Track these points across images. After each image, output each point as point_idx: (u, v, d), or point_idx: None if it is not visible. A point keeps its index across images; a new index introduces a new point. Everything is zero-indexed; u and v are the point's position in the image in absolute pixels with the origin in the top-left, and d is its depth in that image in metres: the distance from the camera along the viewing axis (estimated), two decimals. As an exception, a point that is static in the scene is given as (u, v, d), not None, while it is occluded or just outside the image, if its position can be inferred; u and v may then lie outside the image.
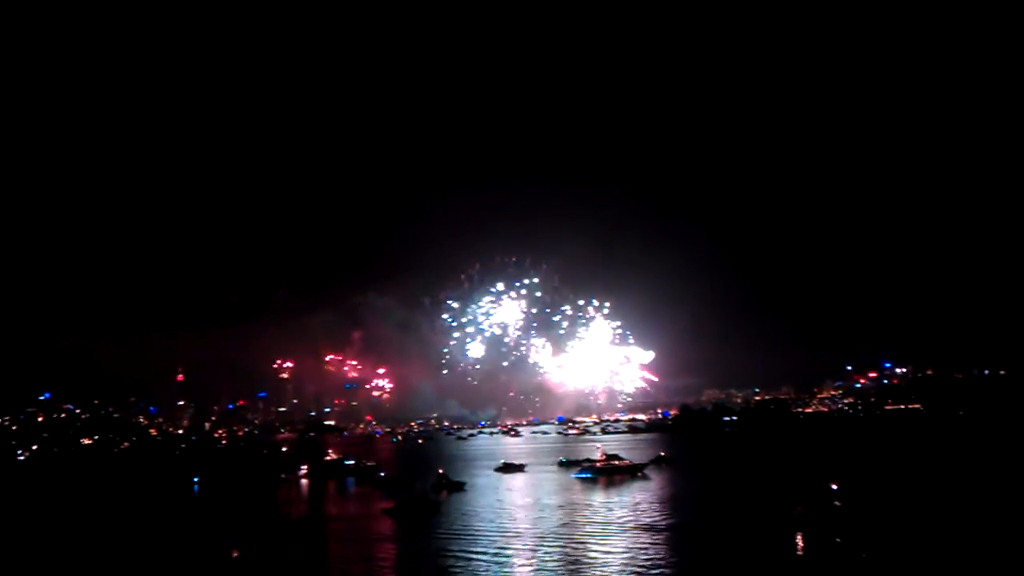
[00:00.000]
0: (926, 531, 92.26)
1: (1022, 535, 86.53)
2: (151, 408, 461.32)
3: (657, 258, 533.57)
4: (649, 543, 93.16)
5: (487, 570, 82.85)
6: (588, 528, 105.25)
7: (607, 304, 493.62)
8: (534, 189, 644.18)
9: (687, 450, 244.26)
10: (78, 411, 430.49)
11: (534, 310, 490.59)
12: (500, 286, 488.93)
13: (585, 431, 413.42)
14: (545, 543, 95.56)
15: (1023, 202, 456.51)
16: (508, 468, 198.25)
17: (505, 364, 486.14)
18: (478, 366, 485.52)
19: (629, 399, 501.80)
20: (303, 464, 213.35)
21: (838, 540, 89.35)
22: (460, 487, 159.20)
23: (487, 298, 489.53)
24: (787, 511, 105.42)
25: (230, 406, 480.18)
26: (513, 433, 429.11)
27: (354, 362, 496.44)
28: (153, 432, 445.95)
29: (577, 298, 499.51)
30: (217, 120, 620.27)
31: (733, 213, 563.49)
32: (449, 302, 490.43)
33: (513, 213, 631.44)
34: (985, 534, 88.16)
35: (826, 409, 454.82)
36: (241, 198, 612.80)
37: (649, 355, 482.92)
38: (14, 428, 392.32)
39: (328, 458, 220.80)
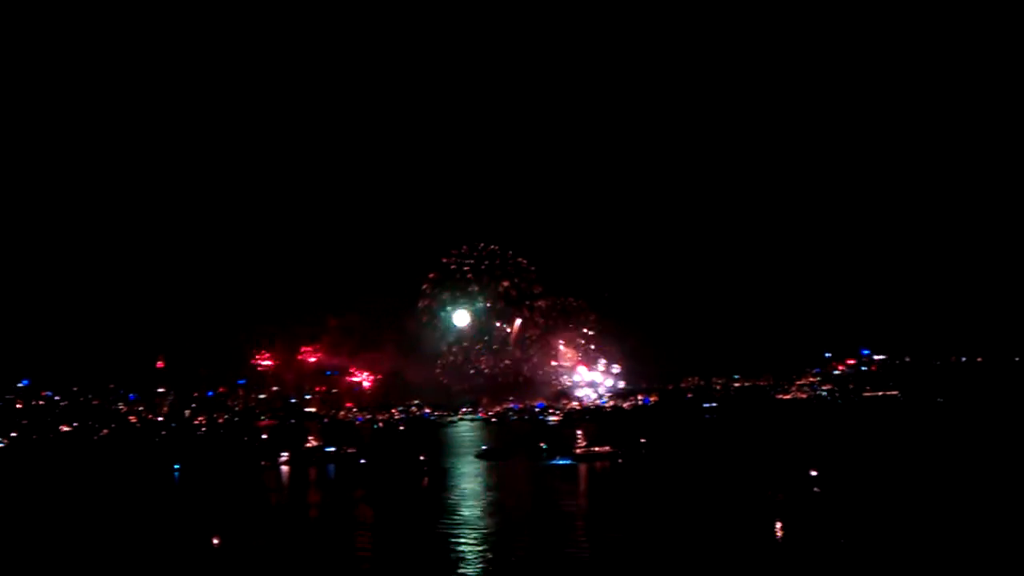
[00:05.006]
0: (904, 516, 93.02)
1: (999, 519, 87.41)
2: (130, 395, 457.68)
3: (637, 247, 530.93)
4: (625, 532, 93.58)
5: (465, 556, 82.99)
6: (563, 517, 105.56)
7: (587, 293, 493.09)
8: (514, 176, 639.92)
9: (667, 436, 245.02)
10: (57, 398, 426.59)
11: (514, 296, 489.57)
12: (481, 270, 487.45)
13: (566, 417, 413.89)
14: (522, 529, 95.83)
15: (999, 192, 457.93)
16: (489, 455, 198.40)
17: (485, 351, 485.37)
18: (458, 352, 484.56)
19: (609, 386, 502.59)
20: (284, 451, 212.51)
21: (818, 526, 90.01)
22: (442, 473, 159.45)
23: (467, 285, 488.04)
24: (767, 497, 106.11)
25: (210, 393, 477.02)
26: (494, 420, 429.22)
27: (330, 356, 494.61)
28: (132, 419, 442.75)
29: (558, 286, 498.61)
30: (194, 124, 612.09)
31: (712, 203, 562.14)
32: (428, 288, 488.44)
33: (493, 201, 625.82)
34: (964, 519, 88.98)
35: (805, 396, 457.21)
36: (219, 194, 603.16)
37: (627, 345, 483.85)
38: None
39: (309, 445, 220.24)
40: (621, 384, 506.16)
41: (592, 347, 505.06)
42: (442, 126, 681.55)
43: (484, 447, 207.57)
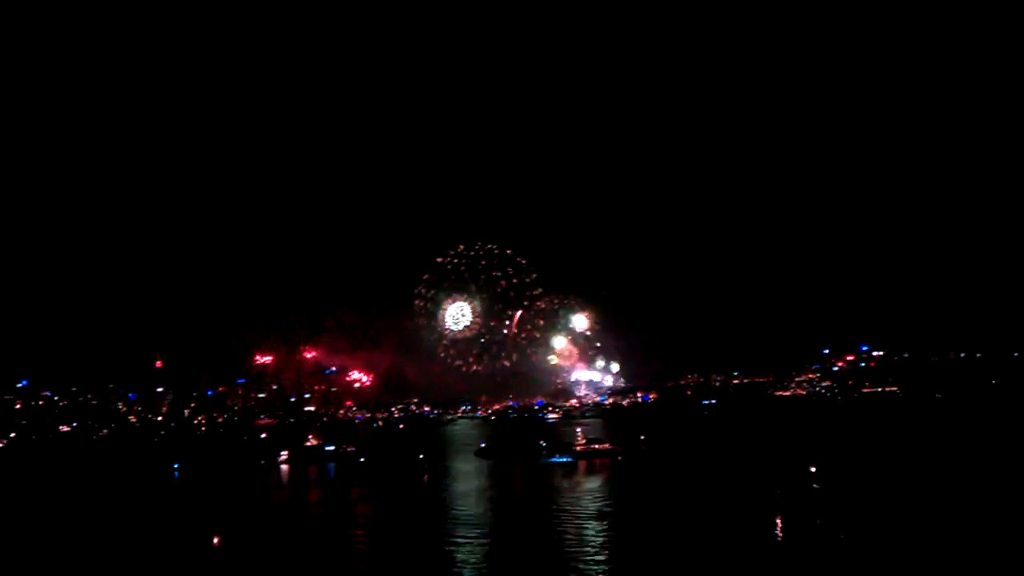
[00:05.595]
0: (903, 512, 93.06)
1: (998, 514, 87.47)
2: (130, 395, 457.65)
3: (637, 245, 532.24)
4: (624, 529, 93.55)
5: (465, 554, 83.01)
6: (562, 515, 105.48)
7: (586, 291, 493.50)
8: (513, 175, 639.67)
9: (667, 433, 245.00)
10: (56, 398, 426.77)
11: (512, 295, 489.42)
12: (479, 269, 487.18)
13: (565, 415, 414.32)
14: (521, 527, 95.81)
15: (996, 188, 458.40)
16: (488, 453, 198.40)
17: (484, 350, 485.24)
18: (457, 351, 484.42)
19: (608, 384, 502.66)
20: (283, 450, 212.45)
21: (818, 522, 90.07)
22: (441, 472, 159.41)
23: (465, 283, 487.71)
24: (767, 494, 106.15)
25: (209, 392, 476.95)
26: (493, 417, 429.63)
27: (329, 354, 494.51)
28: (132, 419, 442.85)
29: (557, 284, 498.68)
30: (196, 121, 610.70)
31: (712, 201, 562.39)
32: (425, 288, 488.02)
33: (492, 200, 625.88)
34: (963, 514, 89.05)
35: (804, 392, 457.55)
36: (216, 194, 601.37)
37: (625, 343, 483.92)
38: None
39: (308, 444, 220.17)
40: (620, 382, 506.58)
41: (591, 345, 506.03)
42: (441, 126, 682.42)
43: (483, 445, 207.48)
